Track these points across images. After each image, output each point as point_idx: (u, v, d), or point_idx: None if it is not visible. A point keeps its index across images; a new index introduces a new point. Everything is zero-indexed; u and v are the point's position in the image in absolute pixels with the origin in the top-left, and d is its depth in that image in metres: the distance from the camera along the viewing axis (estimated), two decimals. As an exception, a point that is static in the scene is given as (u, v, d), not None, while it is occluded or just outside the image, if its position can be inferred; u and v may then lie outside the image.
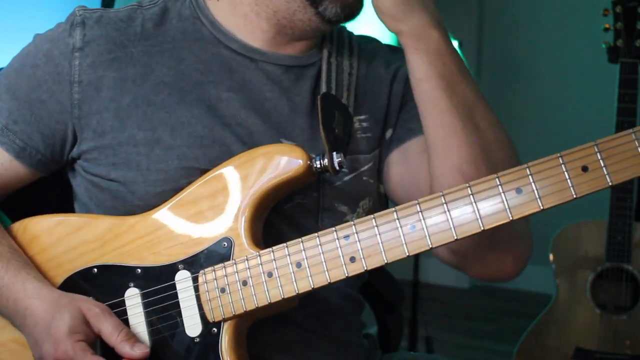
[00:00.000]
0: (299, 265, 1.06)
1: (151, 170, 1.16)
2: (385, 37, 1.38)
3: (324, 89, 1.21)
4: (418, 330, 3.00)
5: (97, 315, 1.10)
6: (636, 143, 0.92)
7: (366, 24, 1.32)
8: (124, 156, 1.17)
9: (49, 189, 1.33)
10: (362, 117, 1.25)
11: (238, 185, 1.12)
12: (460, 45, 3.52)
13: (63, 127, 1.20)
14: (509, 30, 4.30)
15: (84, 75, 1.18)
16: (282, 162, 1.11)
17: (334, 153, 1.11)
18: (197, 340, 1.11)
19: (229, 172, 1.14)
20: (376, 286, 1.69)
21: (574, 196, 0.94)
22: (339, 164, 1.11)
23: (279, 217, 1.19)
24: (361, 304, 1.35)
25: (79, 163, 1.23)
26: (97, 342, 1.11)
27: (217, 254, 1.11)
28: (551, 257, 2.60)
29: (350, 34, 1.32)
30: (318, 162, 1.11)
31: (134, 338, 1.10)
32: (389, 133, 1.26)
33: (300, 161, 1.10)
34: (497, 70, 4.38)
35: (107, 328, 1.09)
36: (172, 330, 1.12)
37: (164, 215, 1.15)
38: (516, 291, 4.02)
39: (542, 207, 0.95)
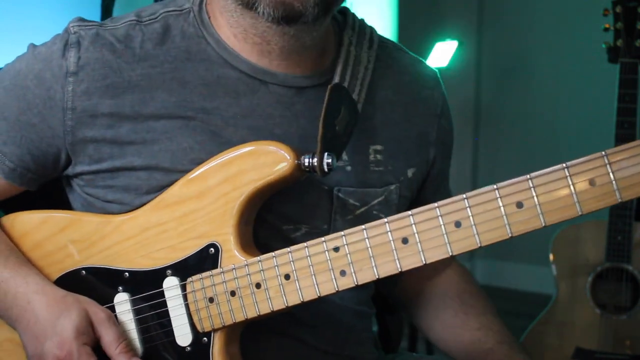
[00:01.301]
0: (287, 277, 1.03)
1: (150, 194, 1.12)
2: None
3: (337, 79, 1.15)
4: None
5: (102, 321, 1.08)
6: None
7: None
8: (122, 180, 1.13)
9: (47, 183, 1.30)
10: (378, 147, 1.20)
11: (223, 187, 1.08)
12: (460, 45, 3.50)
13: (55, 150, 1.16)
14: (509, 30, 4.28)
15: (77, 102, 1.12)
16: (268, 161, 1.06)
17: (325, 154, 1.06)
18: (189, 349, 1.09)
19: (213, 172, 1.09)
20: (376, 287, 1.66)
21: (580, 213, 0.90)
22: (328, 166, 1.06)
23: (287, 245, 1.12)
24: (371, 316, 1.31)
25: (75, 181, 1.19)
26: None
27: (204, 260, 1.08)
28: (551, 257, 2.60)
29: (372, 28, 1.26)
30: (307, 160, 1.07)
31: (132, 352, 1.09)
32: (410, 172, 1.23)
33: (288, 159, 1.06)
34: (497, 70, 4.37)
35: (109, 336, 1.08)
36: (163, 339, 1.10)
37: (150, 216, 1.12)
38: (516, 291, 4.00)
39: (544, 224, 0.91)
